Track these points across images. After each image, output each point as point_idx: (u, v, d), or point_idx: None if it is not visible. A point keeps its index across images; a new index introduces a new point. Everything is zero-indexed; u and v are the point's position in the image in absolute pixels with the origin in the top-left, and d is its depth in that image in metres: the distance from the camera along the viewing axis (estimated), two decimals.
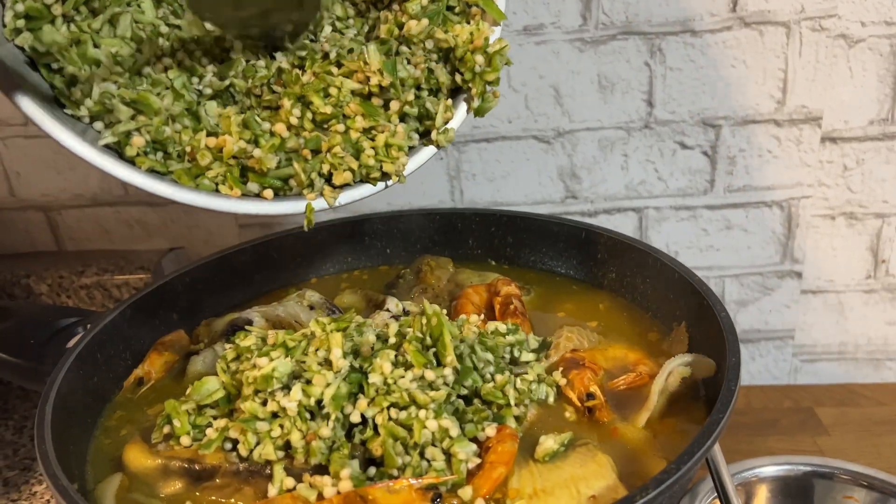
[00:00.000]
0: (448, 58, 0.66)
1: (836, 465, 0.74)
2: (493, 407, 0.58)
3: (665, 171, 1.00)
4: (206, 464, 0.54)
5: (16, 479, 0.88)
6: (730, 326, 0.60)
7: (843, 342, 1.09)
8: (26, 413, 1.02)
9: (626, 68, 0.95)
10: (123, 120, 0.57)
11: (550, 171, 1.01)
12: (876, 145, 0.97)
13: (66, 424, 0.59)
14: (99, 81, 0.58)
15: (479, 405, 0.57)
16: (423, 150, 0.65)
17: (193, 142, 0.59)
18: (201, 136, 0.59)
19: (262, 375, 0.54)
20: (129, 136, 0.58)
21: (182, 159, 0.59)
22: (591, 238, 0.79)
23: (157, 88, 0.60)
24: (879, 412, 0.99)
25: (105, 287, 1.03)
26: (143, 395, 0.67)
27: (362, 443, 0.54)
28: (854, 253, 1.03)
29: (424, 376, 0.56)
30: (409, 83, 0.63)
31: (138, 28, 0.61)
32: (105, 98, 0.57)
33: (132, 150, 0.57)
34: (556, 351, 0.66)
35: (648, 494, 0.43)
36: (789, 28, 0.92)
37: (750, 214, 1.02)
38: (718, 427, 0.48)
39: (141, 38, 0.61)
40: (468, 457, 0.53)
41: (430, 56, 0.65)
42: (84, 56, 0.58)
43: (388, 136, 0.61)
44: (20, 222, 1.09)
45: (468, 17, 0.67)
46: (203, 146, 0.59)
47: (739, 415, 1.00)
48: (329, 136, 0.61)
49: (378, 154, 0.61)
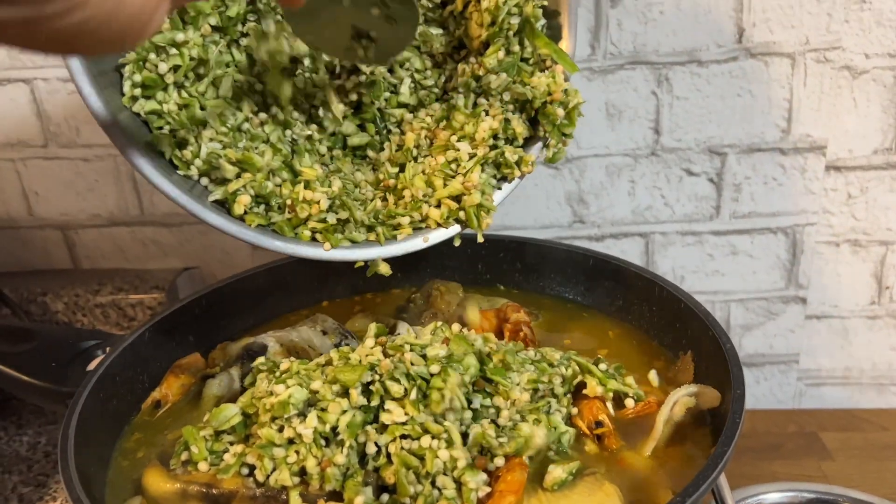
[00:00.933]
0: (524, 108, 0.71)
1: (840, 492, 0.76)
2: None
3: (671, 197, 1.02)
4: (224, 489, 0.56)
5: (30, 495, 0.89)
6: (735, 358, 0.61)
7: (847, 367, 1.10)
8: (40, 429, 1.04)
9: (633, 97, 0.97)
10: (230, 178, 0.64)
11: (559, 195, 1.03)
12: (880, 174, 0.99)
13: (87, 447, 0.60)
14: (206, 141, 0.64)
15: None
16: (496, 193, 0.71)
17: (293, 194, 0.65)
18: (299, 188, 0.65)
19: (278, 402, 0.56)
20: (236, 195, 0.64)
21: (282, 211, 0.66)
22: (599, 266, 0.81)
23: (255, 142, 0.66)
24: (883, 437, 1.00)
25: (120, 306, 1.05)
26: (161, 418, 0.68)
27: (375, 470, 0.56)
28: (858, 279, 1.05)
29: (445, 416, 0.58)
30: (488, 135, 0.68)
31: (237, 86, 0.67)
32: (212, 158, 0.63)
33: (239, 208, 0.64)
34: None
35: None
36: (794, 59, 0.94)
37: (755, 240, 1.03)
38: (723, 460, 0.50)
39: (240, 96, 0.67)
40: (478, 486, 0.54)
41: (507, 107, 0.70)
42: (192, 118, 0.64)
43: (481, 198, 0.67)
44: (38, 240, 1.11)
45: (542, 67, 0.71)
46: (301, 199, 0.65)
47: (744, 438, 1.00)
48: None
49: (469, 216, 0.68)
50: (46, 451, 0.99)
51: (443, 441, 0.55)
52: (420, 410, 0.57)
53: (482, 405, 0.61)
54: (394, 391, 0.57)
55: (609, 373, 0.67)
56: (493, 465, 0.56)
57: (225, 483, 0.56)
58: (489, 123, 0.69)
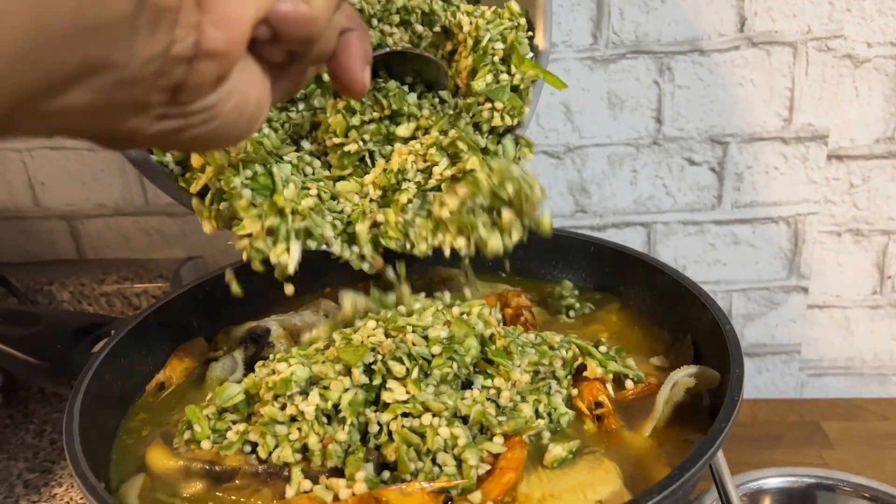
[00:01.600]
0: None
1: (840, 477, 0.76)
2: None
3: (673, 186, 1.02)
4: (227, 465, 0.56)
5: (36, 481, 0.90)
6: (734, 339, 0.61)
7: (849, 357, 1.10)
8: (46, 417, 1.04)
9: (635, 86, 0.97)
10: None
11: (561, 185, 1.03)
12: (881, 163, 0.99)
13: (92, 426, 0.61)
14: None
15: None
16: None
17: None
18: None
19: (280, 380, 0.57)
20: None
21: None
22: (600, 252, 0.81)
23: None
24: (884, 426, 1.00)
25: (125, 295, 1.06)
26: (165, 399, 0.69)
27: (377, 447, 0.56)
28: (860, 269, 1.05)
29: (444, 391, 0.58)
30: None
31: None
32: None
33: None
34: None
35: (652, 499, 0.45)
36: (796, 48, 0.94)
37: (757, 230, 1.04)
38: (721, 435, 0.50)
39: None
40: (478, 463, 0.54)
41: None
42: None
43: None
44: (44, 231, 1.12)
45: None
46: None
47: (745, 428, 1.01)
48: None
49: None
50: (52, 438, 1.00)
51: (443, 419, 0.56)
52: (421, 389, 0.57)
53: (483, 386, 0.61)
54: (396, 371, 0.58)
55: (609, 355, 0.67)
56: (493, 446, 0.56)
57: (227, 460, 0.56)
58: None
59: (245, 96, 0.35)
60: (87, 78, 0.29)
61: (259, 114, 0.37)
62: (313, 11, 0.35)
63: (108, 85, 0.29)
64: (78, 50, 0.27)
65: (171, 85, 0.31)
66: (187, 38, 0.30)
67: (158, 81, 0.30)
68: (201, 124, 0.34)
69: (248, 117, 0.36)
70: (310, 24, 0.36)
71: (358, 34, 0.43)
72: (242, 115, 0.36)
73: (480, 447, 0.56)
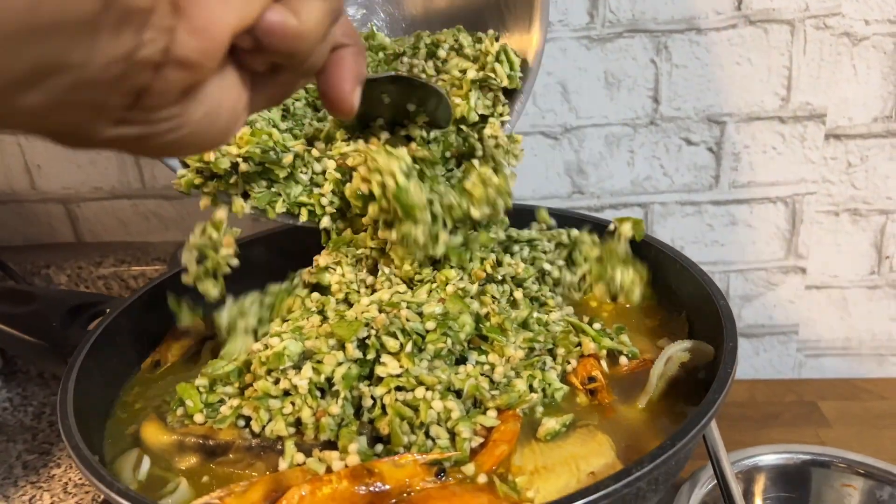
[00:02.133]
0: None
1: (835, 453, 0.76)
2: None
3: (670, 166, 1.02)
4: (220, 440, 0.56)
5: (35, 462, 0.91)
6: (728, 314, 0.61)
7: (847, 337, 1.10)
8: (45, 400, 1.05)
9: (632, 65, 0.97)
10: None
11: (557, 166, 1.03)
12: (880, 142, 0.98)
13: (86, 403, 0.61)
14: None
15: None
16: None
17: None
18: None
19: (273, 354, 0.57)
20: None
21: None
22: (597, 231, 0.81)
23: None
24: (882, 406, 1.00)
25: (122, 278, 1.06)
26: (160, 376, 0.69)
27: (370, 421, 0.56)
28: (858, 249, 1.04)
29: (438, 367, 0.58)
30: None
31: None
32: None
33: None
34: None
35: (643, 468, 0.45)
36: (794, 26, 0.93)
37: (754, 210, 1.03)
38: (714, 406, 0.50)
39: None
40: (471, 436, 0.55)
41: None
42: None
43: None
44: (41, 214, 1.12)
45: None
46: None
47: (742, 408, 1.01)
48: None
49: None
50: (51, 420, 1.00)
51: (437, 393, 0.56)
52: (415, 363, 0.58)
53: (477, 362, 0.61)
54: (389, 346, 0.58)
55: (603, 331, 0.67)
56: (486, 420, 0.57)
57: (221, 434, 0.57)
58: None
59: (218, 105, 0.33)
60: (40, 80, 0.26)
61: (234, 123, 0.35)
62: (303, 27, 0.32)
63: (65, 86, 0.27)
64: (32, 50, 0.25)
65: (134, 90, 0.29)
66: (156, 43, 0.28)
67: (120, 85, 0.28)
68: (167, 132, 0.32)
69: (220, 127, 0.34)
70: (298, 40, 0.33)
71: (353, 51, 0.41)
72: (214, 125, 0.33)
73: (474, 420, 0.56)
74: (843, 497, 0.75)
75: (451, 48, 0.75)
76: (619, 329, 0.69)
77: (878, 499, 0.74)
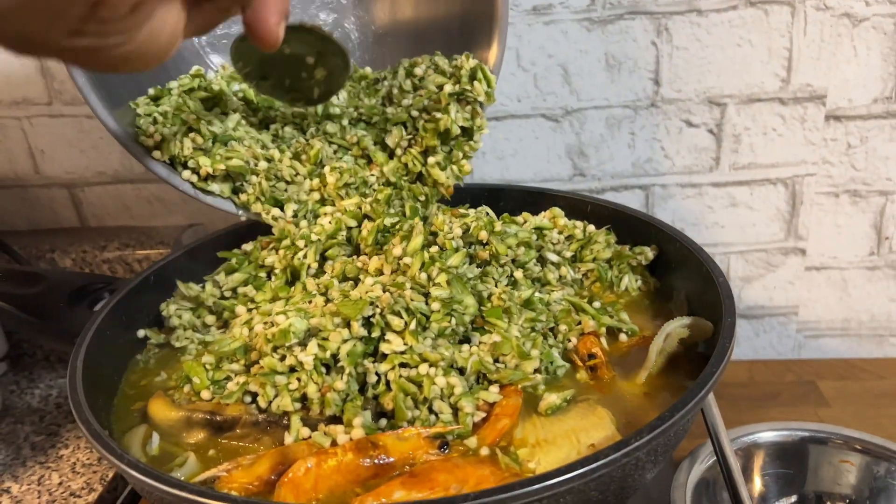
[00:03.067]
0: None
1: (833, 430, 0.77)
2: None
3: (671, 148, 1.02)
4: (227, 415, 0.57)
5: (42, 443, 0.92)
6: (727, 291, 0.62)
7: (846, 318, 1.10)
8: (51, 382, 1.06)
9: (633, 47, 0.97)
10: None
11: (559, 148, 1.03)
12: (880, 123, 0.99)
13: (94, 381, 0.62)
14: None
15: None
16: None
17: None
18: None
19: (279, 331, 0.58)
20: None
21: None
22: (596, 210, 0.82)
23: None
24: (880, 385, 1.01)
25: (126, 261, 1.06)
26: (166, 354, 0.70)
27: (374, 397, 0.57)
28: (857, 230, 1.05)
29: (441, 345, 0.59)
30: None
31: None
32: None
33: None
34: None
35: (642, 438, 0.46)
36: (794, 7, 0.93)
37: (755, 192, 1.04)
38: (712, 378, 0.51)
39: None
40: (474, 410, 0.55)
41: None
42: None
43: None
44: (45, 199, 1.12)
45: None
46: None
47: (742, 387, 1.02)
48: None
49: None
50: (58, 402, 1.01)
51: (440, 369, 0.57)
52: (419, 341, 0.58)
53: (481, 342, 0.62)
54: (394, 324, 0.59)
55: (603, 309, 0.68)
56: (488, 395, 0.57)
57: (228, 410, 0.57)
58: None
59: (161, 24, 0.36)
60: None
61: (172, 45, 0.38)
62: None
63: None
64: None
65: (91, 0, 0.31)
66: None
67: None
68: (114, 46, 0.35)
69: (161, 45, 0.37)
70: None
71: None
72: (155, 42, 0.36)
73: (476, 396, 0.57)
74: (840, 473, 0.76)
75: (428, 68, 0.79)
76: (615, 305, 0.69)
77: (874, 474, 0.75)
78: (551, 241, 0.75)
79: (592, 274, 0.74)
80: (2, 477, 0.85)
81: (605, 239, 0.76)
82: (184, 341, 0.68)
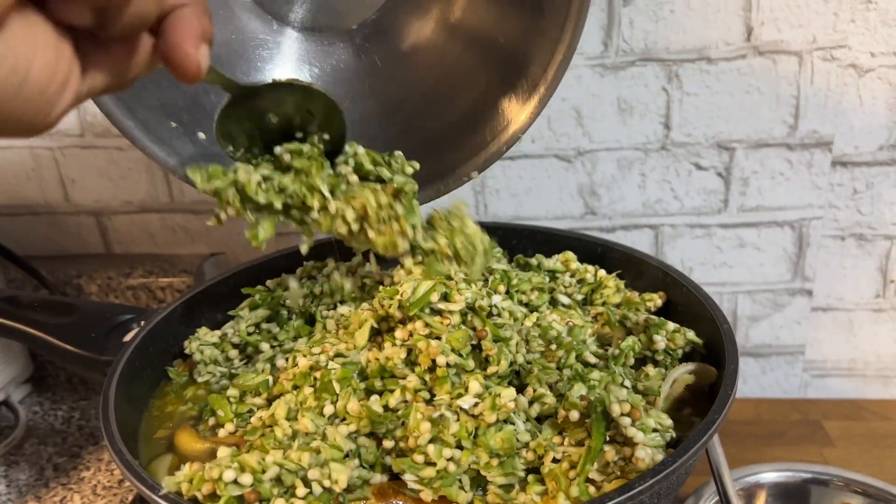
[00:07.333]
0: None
1: (835, 472, 0.79)
2: None
3: (681, 190, 1.05)
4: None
5: (65, 465, 0.95)
6: (730, 337, 0.64)
7: (852, 359, 1.12)
8: (73, 405, 1.09)
9: (644, 92, 1.00)
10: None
11: (571, 188, 1.06)
12: (885, 170, 1.01)
13: (124, 409, 0.65)
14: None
15: None
16: None
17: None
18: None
19: (299, 373, 0.60)
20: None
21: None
22: (607, 253, 0.84)
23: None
24: (885, 426, 1.03)
25: (150, 288, 1.10)
26: (189, 384, 0.73)
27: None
28: (863, 273, 1.07)
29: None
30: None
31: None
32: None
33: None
34: None
35: (646, 482, 0.48)
36: (801, 57, 0.97)
37: (762, 234, 1.06)
38: (714, 424, 0.53)
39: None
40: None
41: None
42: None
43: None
44: (73, 226, 1.16)
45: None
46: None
47: (748, 425, 1.04)
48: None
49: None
50: (80, 424, 1.04)
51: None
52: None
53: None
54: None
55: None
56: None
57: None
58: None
59: (27, 59, 0.28)
60: None
61: (56, 93, 0.30)
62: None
63: None
64: None
65: None
66: None
67: None
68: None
69: (34, 88, 0.29)
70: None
71: (194, 10, 0.37)
72: (25, 84, 0.29)
73: None
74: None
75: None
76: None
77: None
78: (563, 283, 0.78)
79: (602, 317, 0.76)
80: (25, 497, 0.88)
81: (615, 284, 0.79)
82: (206, 375, 0.71)
